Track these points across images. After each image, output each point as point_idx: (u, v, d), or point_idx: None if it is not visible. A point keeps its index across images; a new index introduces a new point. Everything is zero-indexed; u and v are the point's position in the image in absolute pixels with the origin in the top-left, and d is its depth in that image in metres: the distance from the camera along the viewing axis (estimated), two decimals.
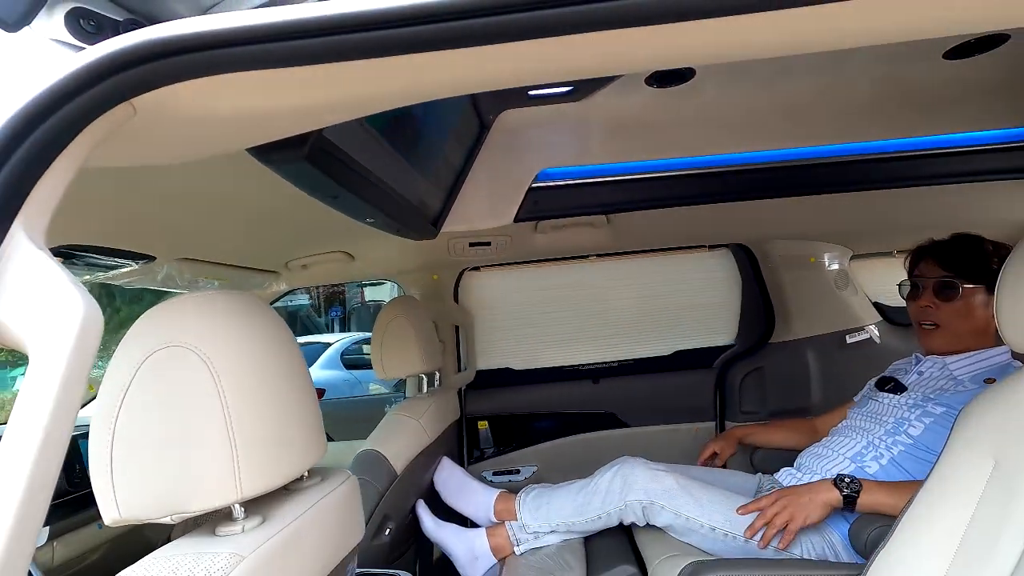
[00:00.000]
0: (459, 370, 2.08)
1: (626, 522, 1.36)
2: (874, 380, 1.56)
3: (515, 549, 1.47)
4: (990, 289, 1.32)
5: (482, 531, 1.51)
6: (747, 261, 2.04)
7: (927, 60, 1.34)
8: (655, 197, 1.67)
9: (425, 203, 1.48)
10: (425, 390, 1.65)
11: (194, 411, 0.53)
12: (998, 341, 1.36)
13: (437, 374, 1.74)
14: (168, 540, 0.60)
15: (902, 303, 2.08)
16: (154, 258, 1.30)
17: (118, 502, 0.53)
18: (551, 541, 1.46)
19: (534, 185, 1.64)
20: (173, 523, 0.54)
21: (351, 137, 0.91)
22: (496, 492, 1.58)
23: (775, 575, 0.94)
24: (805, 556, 1.21)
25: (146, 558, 0.54)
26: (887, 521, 1.10)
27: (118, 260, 1.27)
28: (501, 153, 1.59)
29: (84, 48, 0.41)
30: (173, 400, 0.54)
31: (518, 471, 2.09)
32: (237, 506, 0.58)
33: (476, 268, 2.09)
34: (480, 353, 2.13)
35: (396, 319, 1.56)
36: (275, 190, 0.92)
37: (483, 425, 2.15)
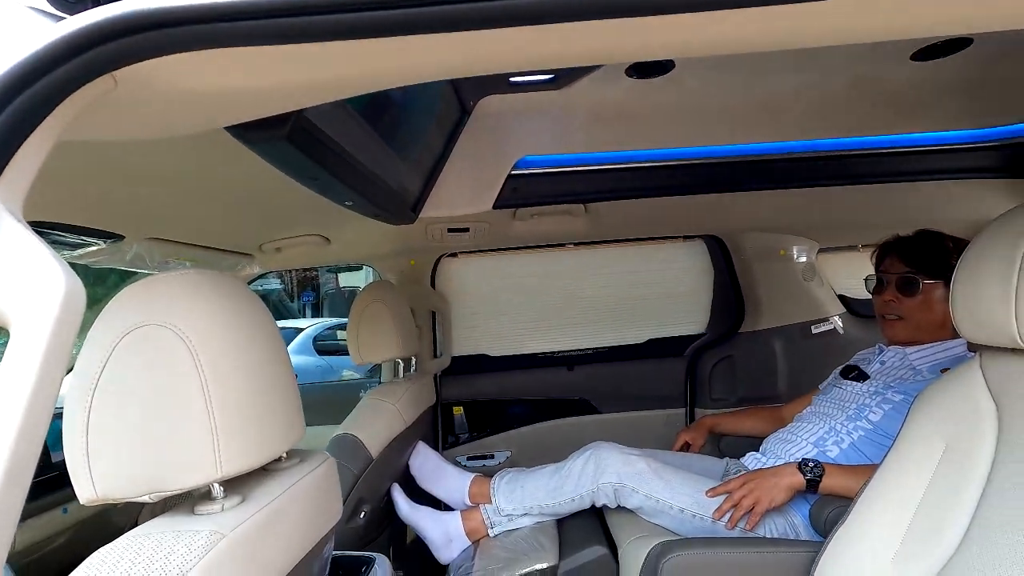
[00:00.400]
0: (435, 356, 2.08)
1: (598, 504, 1.39)
2: (839, 369, 1.62)
3: (489, 531, 1.49)
4: (948, 284, 1.39)
5: (456, 514, 1.53)
6: (720, 252, 2.09)
7: (896, 61, 1.39)
8: (633, 187, 1.69)
9: (404, 187, 1.47)
10: (401, 375, 1.65)
11: (173, 390, 0.53)
12: (955, 334, 1.43)
13: (413, 360, 1.74)
14: (135, 525, 0.60)
15: (865, 295, 2.18)
16: (123, 237, 1.27)
17: (94, 480, 0.52)
18: (525, 523, 1.48)
19: (514, 172, 1.65)
20: (152, 501, 0.54)
21: (332, 119, 0.90)
22: (471, 476, 1.59)
23: (740, 553, 0.98)
24: (768, 535, 1.26)
25: (122, 538, 0.54)
26: (844, 502, 1.15)
27: (85, 238, 1.23)
28: (481, 139, 1.59)
29: (63, 18, 0.40)
30: (151, 379, 0.53)
31: (492, 456, 2.12)
32: (216, 485, 0.58)
33: (453, 254, 2.09)
34: (456, 339, 2.14)
35: (373, 304, 1.55)
36: (252, 170, 0.91)
37: (458, 411, 2.16)
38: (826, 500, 1.18)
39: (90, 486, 0.53)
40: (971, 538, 0.77)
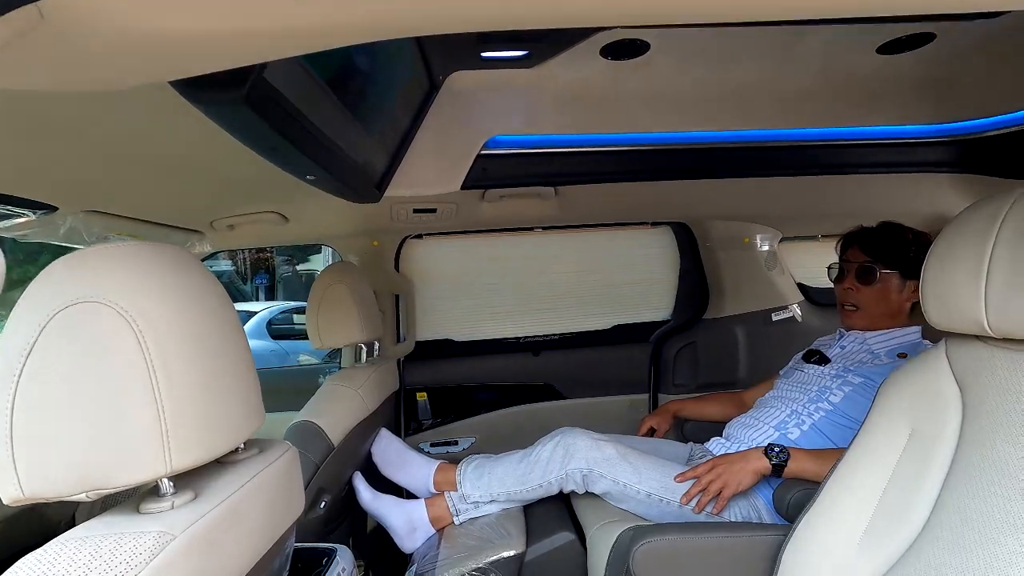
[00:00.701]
0: (398, 340, 2.02)
1: (566, 490, 1.38)
2: (801, 353, 1.66)
3: (454, 519, 1.46)
4: (904, 275, 1.44)
5: (421, 502, 1.49)
6: (686, 239, 2.10)
7: (862, 53, 1.41)
8: (603, 171, 1.67)
9: (370, 164, 1.40)
10: (364, 360, 1.59)
11: (114, 375, 0.47)
12: (909, 321, 1.48)
13: (376, 344, 1.68)
14: (72, 522, 0.53)
15: (823, 284, 2.24)
16: (56, 208, 1.16)
17: (20, 478, 0.46)
18: (491, 511, 1.46)
19: (483, 152, 1.60)
20: (90, 500, 0.48)
21: (295, 83, 0.83)
22: (435, 463, 1.56)
23: (710, 537, 0.99)
24: (732, 519, 1.28)
25: (55, 541, 0.47)
26: (807, 485, 1.19)
27: (11, 209, 1.12)
28: (451, 117, 1.53)
29: None
30: (88, 363, 0.47)
31: (456, 443, 2.09)
32: (165, 480, 0.52)
33: (419, 236, 2.02)
34: (420, 324, 2.09)
35: (334, 286, 1.48)
36: (204, 136, 0.83)
37: (422, 396, 2.11)
38: (790, 483, 1.20)
39: (15, 483, 0.46)
40: (935, 521, 0.79)
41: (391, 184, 1.54)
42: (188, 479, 0.55)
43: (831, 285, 2.21)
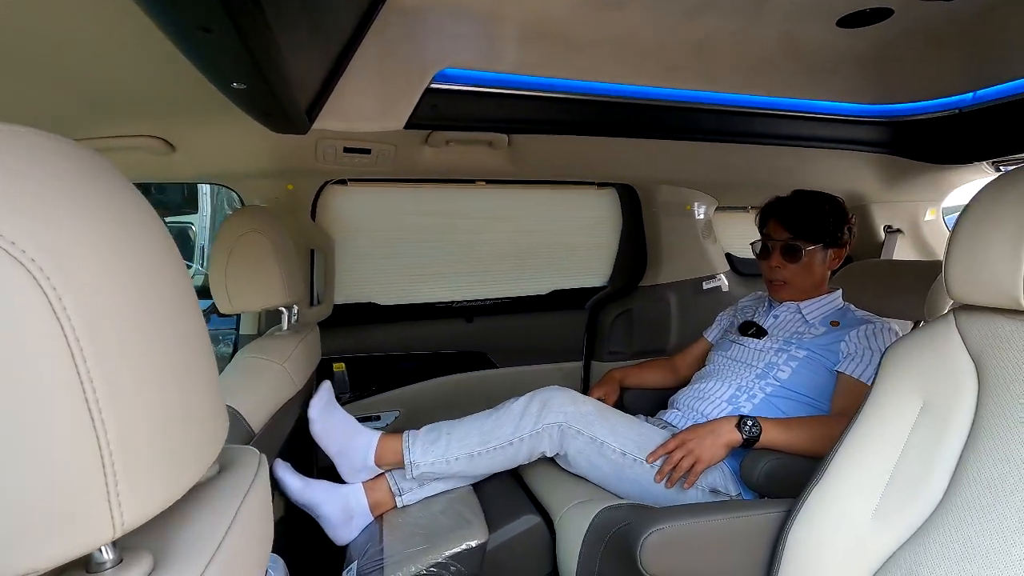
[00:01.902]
0: (312, 303, 1.74)
1: (536, 451, 1.26)
2: (733, 324, 1.67)
3: (397, 501, 1.29)
4: (827, 245, 1.49)
5: (358, 486, 1.29)
6: (630, 203, 2.04)
7: (822, 24, 1.40)
8: (561, 121, 1.53)
9: (301, 84, 1.11)
10: (286, 327, 1.31)
11: (13, 378, 0.24)
12: (831, 287, 1.55)
13: (296, 308, 1.40)
14: None
15: (747, 255, 2.33)
16: None
17: None
18: (437, 490, 1.30)
19: (432, 86, 1.37)
20: None
21: None
22: (377, 434, 1.34)
23: (713, 520, 0.92)
24: (701, 487, 1.25)
25: None
26: (777, 456, 1.18)
27: None
28: (398, 37, 1.29)
29: None
30: None
31: (379, 417, 1.88)
32: (105, 549, 0.30)
33: (342, 181, 1.73)
34: (339, 284, 1.81)
35: (248, 235, 1.19)
36: (71, 19, 0.55)
37: (339, 367, 1.86)
38: (758, 453, 1.18)
39: None
40: (951, 496, 0.78)
41: (322, 113, 1.26)
42: (137, 533, 0.33)
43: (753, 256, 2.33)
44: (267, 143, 1.35)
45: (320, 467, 1.85)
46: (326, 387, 1.40)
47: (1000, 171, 1.86)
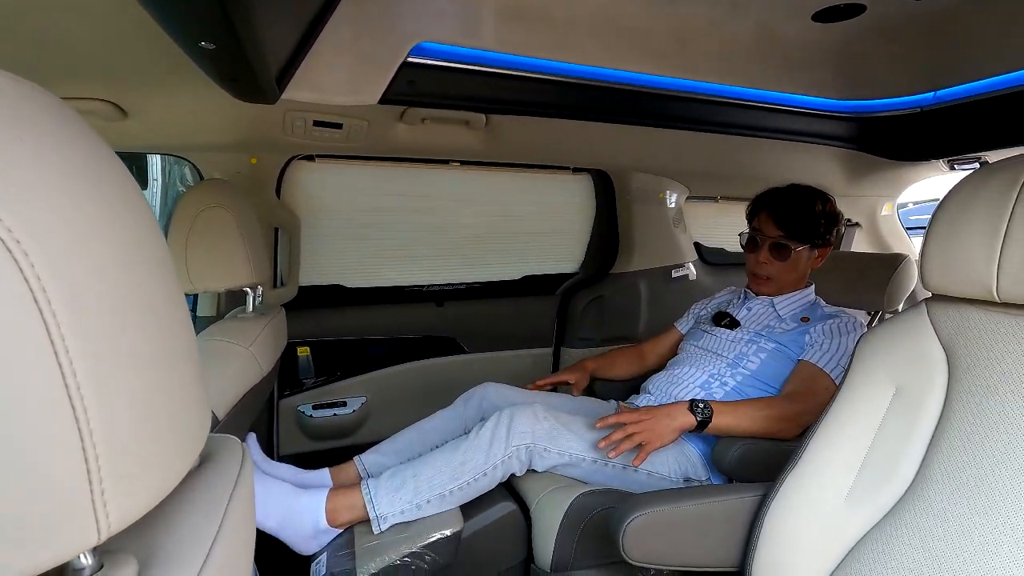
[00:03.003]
0: (276, 285, 1.66)
1: (507, 473, 1.21)
2: (707, 313, 1.69)
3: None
4: (815, 246, 1.52)
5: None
6: (604, 189, 2.03)
7: (798, 16, 1.42)
8: (539, 102, 1.50)
9: (270, 48, 1.04)
10: (251, 308, 1.24)
11: None
12: (808, 283, 1.58)
13: (260, 289, 1.33)
14: None
15: (715, 245, 2.36)
16: None
17: None
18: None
19: (409, 60, 1.31)
20: None
21: None
22: (324, 491, 1.18)
23: (693, 505, 0.93)
24: (669, 475, 1.27)
25: None
26: (746, 441, 1.21)
27: None
28: (373, 7, 1.23)
29: None
30: None
31: (344, 403, 1.82)
32: (84, 556, 0.26)
33: (309, 157, 1.65)
34: (305, 265, 1.74)
35: (211, 210, 1.11)
36: None
37: (303, 352, 1.79)
38: (729, 441, 1.20)
39: None
40: (920, 480, 0.80)
41: (292, 83, 1.19)
42: (120, 538, 0.29)
43: (722, 246, 2.37)
44: (231, 112, 1.27)
45: (283, 455, 1.80)
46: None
47: (955, 169, 1.95)
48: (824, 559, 0.84)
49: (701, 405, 1.22)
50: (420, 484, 1.15)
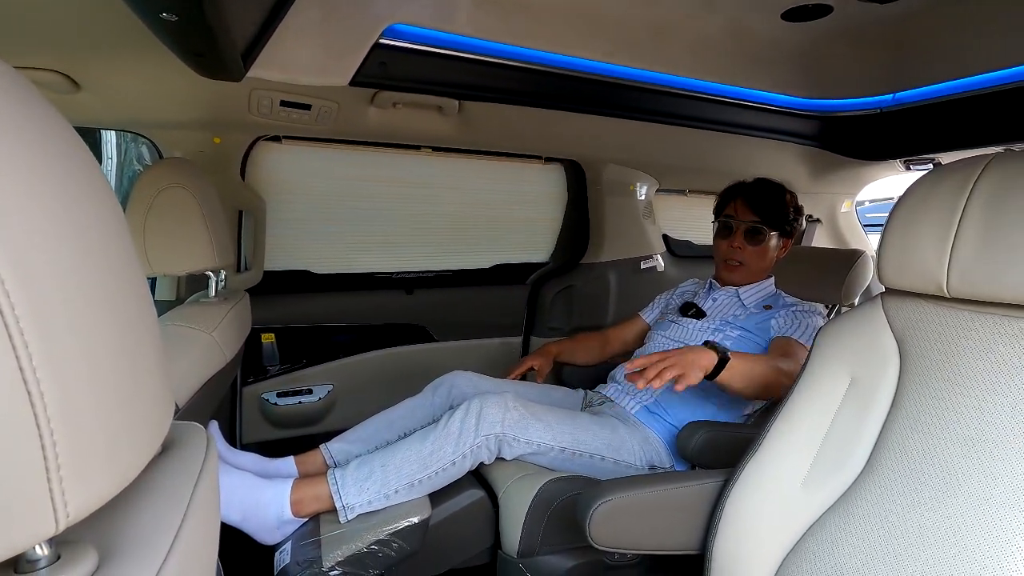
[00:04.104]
0: (240, 269, 1.61)
1: (476, 461, 1.21)
2: (673, 304, 1.73)
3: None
4: (782, 235, 1.56)
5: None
6: (576, 179, 2.04)
7: (767, 15, 1.45)
8: (513, 90, 1.49)
9: (236, 22, 1.00)
10: (214, 293, 1.20)
11: None
12: (770, 274, 1.63)
13: (223, 273, 1.29)
14: None
15: (682, 237, 2.41)
16: None
17: None
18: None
19: (382, 41, 1.29)
20: None
21: None
22: (288, 481, 1.16)
23: (657, 490, 0.95)
24: (634, 462, 1.30)
25: None
26: (709, 428, 1.24)
27: None
28: None
29: None
30: None
31: (310, 391, 1.79)
32: (40, 546, 0.25)
33: (276, 138, 1.60)
34: (271, 250, 1.69)
35: (170, 189, 1.07)
36: None
37: (268, 338, 1.75)
38: (693, 427, 1.23)
39: None
40: (872, 465, 0.84)
41: (259, 60, 1.15)
42: (78, 528, 0.28)
43: (689, 238, 2.42)
44: (193, 88, 1.22)
45: (246, 444, 1.76)
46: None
47: (910, 169, 2.03)
48: (780, 541, 0.88)
49: (720, 346, 1.19)
50: (388, 474, 1.14)
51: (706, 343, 1.20)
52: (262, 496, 1.12)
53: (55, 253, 0.23)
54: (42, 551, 0.26)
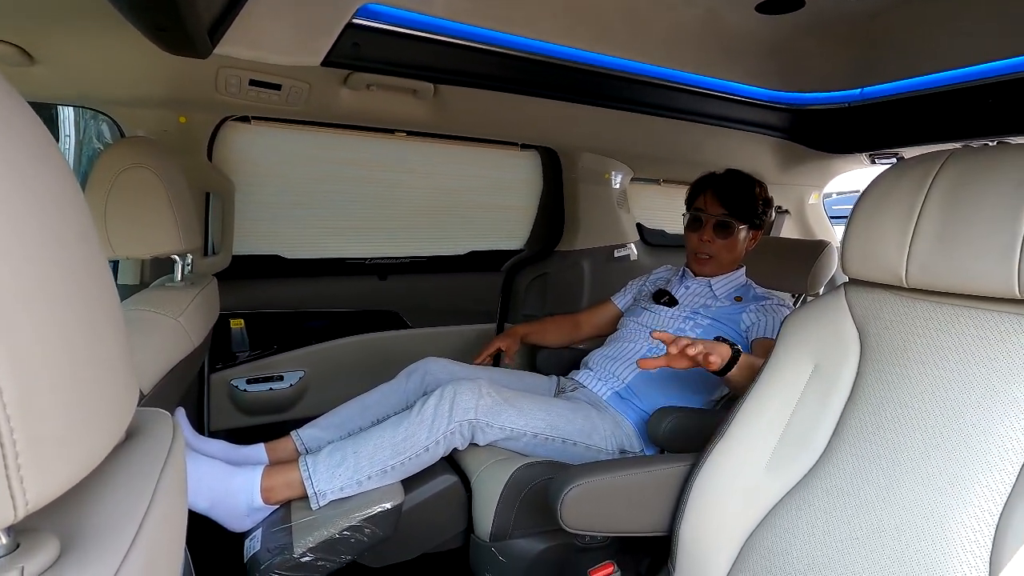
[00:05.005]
0: (207, 253, 1.57)
1: (450, 447, 1.21)
2: (646, 291, 1.75)
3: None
4: (751, 227, 1.60)
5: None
6: (552, 167, 2.03)
7: (742, 6, 1.46)
8: (489, 75, 1.48)
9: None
10: (180, 278, 1.17)
11: None
12: (740, 265, 1.66)
13: (190, 257, 1.26)
14: None
15: (655, 227, 2.43)
16: None
17: None
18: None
19: (355, 21, 1.26)
20: None
21: None
22: (259, 468, 1.15)
23: (627, 474, 0.97)
24: (605, 447, 1.32)
25: None
26: (679, 414, 1.27)
27: None
28: None
29: None
30: None
31: (281, 378, 1.77)
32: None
33: (245, 118, 1.55)
34: (240, 234, 1.65)
35: (134, 169, 1.03)
36: None
37: (237, 324, 1.72)
38: (663, 412, 1.26)
39: None
40: (831, 448, 0.88)
41: (226, 37, 1.12)
42: (40, 514, 0.28)
43: (663, 227, 2.45)
44: (157, 64, 1.17)
45: (213, 431, 1.73)
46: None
47: (875, 163, 2.09)
48: (744, 523, 0.91)
49: (734, 344, 1.19)
50: (361, 460, 1.13)
51: (717, 338, 1.20)
52: (231, 483, 1.11)
53: (9, 234, 0.22)
54: (2, 541, 0.25)
